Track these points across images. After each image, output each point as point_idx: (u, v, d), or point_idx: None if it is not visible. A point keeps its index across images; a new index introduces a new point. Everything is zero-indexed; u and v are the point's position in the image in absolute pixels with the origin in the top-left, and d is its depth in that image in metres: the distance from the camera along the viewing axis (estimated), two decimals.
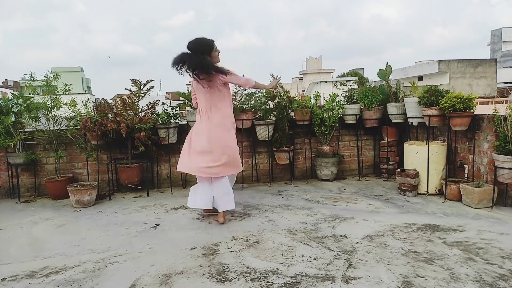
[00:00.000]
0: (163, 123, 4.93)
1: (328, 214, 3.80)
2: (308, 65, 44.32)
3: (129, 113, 4.82)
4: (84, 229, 3.61)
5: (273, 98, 5.25)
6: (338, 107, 5.26)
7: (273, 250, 2.94)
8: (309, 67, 43.69)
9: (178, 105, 5.40)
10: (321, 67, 43.70)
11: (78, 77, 37.90)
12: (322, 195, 4.59)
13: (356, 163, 5.69)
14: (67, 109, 4.80)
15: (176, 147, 5.23)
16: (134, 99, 4.87)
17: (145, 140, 4.65)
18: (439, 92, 4.47)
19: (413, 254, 2.78)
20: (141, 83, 4.84)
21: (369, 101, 5.21)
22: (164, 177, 5.29)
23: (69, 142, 4.90)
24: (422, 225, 3.39)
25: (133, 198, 4.75)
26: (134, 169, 4.76)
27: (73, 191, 4.35)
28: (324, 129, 5.30)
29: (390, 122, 5.26)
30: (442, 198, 4.25)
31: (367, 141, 5.77)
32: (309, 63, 44.43)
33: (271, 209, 4.05)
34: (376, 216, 3.71)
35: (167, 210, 4.13)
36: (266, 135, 5.09)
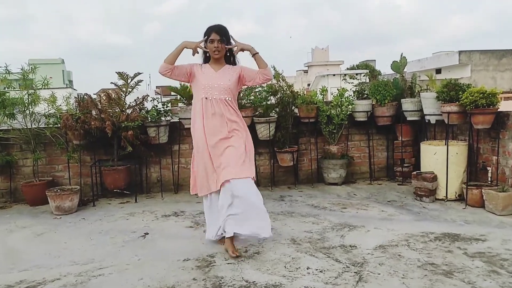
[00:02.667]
0: (153, 121, 4.93)
1: (336, 221, 3.80)
2: (314, 56, 44.33)
3: (115, 110, 4.82)
4: (65, 238, 3.60)
5: (275, 93, 5.25)
6: (347, 103, 5.27)
7: (275, 262, 2.93)
8: (315, 59, 43.70)
9: (169, 101, 5.41)
10: (328, 59, 43.69)
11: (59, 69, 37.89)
12: (330, 201, 4.59)
13: (367, 165, 5.70)
14: (46, 105, 4.80)
15: (168, 147, 5.24)
16: (121, 94, 4.87)
17: (133, 140, 4.65)
18: (460, 86, 4.47)
19: (430, 267, 2.78)
20: (128, 77, 4.84)
21: (381, 96, 5.21)
22: (153, 181, 5.29)
23: (49, 142, 4.90)
24: (441, 234, 3.39)
25: (120, 204, 4.74)
26: (120, 172, 4.76)
27: (53, 196, 4.35)
28: (332, 127, 5.30)
29: (405, 120, 5.26)
30: (463, 204, 4.25)
31: (380, 140, 5.77)
32: (315, 55, 44.43)
33: (272, 216, 4.05)
34: (389, 224, 3.71)
35: (157, 218, 4.13)
36: (267, 134, 5.09)
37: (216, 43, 3.07)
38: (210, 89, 3.09)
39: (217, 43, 3.07)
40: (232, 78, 3.14)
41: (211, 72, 3.14)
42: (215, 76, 3.12)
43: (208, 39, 3.09)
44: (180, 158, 5.30)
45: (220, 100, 3.09)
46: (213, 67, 3.17)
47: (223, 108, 3.09)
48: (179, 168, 5.30)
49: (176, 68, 3.09)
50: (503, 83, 23.64)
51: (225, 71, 3.16)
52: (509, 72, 24.57)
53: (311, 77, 38.20)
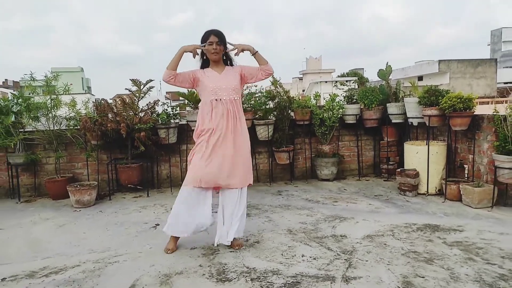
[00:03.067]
0: (163, 123, 4.93)
1: (328, 214, 3.80)
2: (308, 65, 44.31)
3: (129, 113, 4.82)
4: (84, 229, 3.60)
5: (273, 98, 5.25)
6: (338, 107, 5.26)
7: (273, 250, 2.93)
8: (309, 67, 43.68)
9: (178, 105, 5.40)
10: (321, 67, 43.67)
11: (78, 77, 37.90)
12: (322, 195, 4.59)
13: (356, 163, 5.69)
14: (67, 109, 4.80)
15: (176, 147, 5.24)
16: (134, 99, 4.87)
17: (145, 140, 4.65)
18: (439, 92, 4.47)
19: (413, 254, 2.78)
20: (141, 83, 4.84)
21: (369, 101, 5.21)
22: (164, 177, 5.29)
23: (69, 142, 4.90)
24: (422, 225, 3.39)
25: (133, 198, 4.74)
26: (134, 169, 4.76)
27: (73, 191, 4.35)
28: (324, 129, 5.30)
29: (390, 122, 5.25)
30: (442, 198, 4.25)
31: (367, 141, 5.76)
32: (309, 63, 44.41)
33: (271, 209, 4.05)
34: (376, 216, 3.71)
35: (167, 210, 4.13)
36: (266, 135, 5.09)
37: (214, 44, 2.91)
38: (219, 90, 2.92)
39: (216, 44, 2.91)
40: (236, 78, 2.99)
41: (215, 75, 2.97)
42: (220, 78, 2.95)
43: (207, 42, 2.92)
44: (188, 157, 5.28)
45: (229, 101, 2.93)
46: (215, 70, 3.00)
47: (231, 107, 2.92)
48: (187, 166, 5.28)
49: (179, 75, 2.92)
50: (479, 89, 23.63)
51: (228, 72, 3.01)
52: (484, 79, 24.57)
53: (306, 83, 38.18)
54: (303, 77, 43.60)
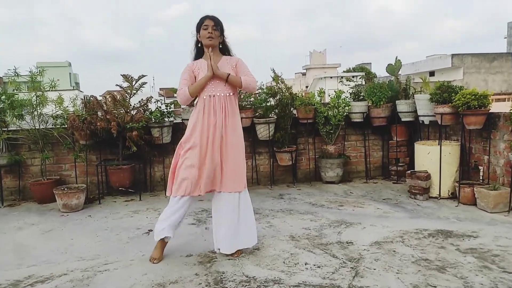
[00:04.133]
0: (157, 122, 4.93)
1: (333, 219, 3.80)
2: (312, 59, 44.37)
3: (120, 111, 4.82)
4: (72, 235, 3.60)
5: (274, 95, 5.26)
6: (344, 104, 5.26)
7: (274, 257, 2.93)
8: (313, 62, 43.74)
9: (172, 103, 5.40)
10: (325, 62, 43.74)
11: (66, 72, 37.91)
12: (327, 199, 4.59)
13: (363, 164, 5.69)
14: (54, 106, 4.80)
15: (171, 147, 5.24)
16: (126, 96, 4.86)
17: (137, 140, 4.65)
18: (452, 88, 4.47)
19: (424, 262, 2.78)
20: (133, 79, 4.84)
21: (377, 98, 5.21)
22: (157, 180, 5.29)
23: (56, 142, 4.90)
24: (434, 230, 3.39)
25: (124, 202, 4.75)
26: (125, 170, 4.76)
27: (60, 194, 4.35)
28: (329, 128, 5.30)
29: (399, 121, 5.26)
30: (455, 202, 4.25)
31: (375, 141, 5.77)
32: (313, 58, 44.47)
33: (272, 213, 4.05)
34: (384, 221, 3.71)
35: None
36: (266, 134, 5.09)
37: (210, 28, 2.83)
38: (212, 86, 2.86)
39: (211, 28, 2.83)
40: (231, 72, 2.90)
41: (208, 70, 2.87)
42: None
43: (201, 26, 2.85)
44: None
45: (223, 97, 2.88)
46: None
47: (224, 104, 2.87)
48: None
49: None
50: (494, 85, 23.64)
51: (224, 64, 2.90)
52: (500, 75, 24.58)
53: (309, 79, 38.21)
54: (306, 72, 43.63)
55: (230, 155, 2.91)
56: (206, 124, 2.89)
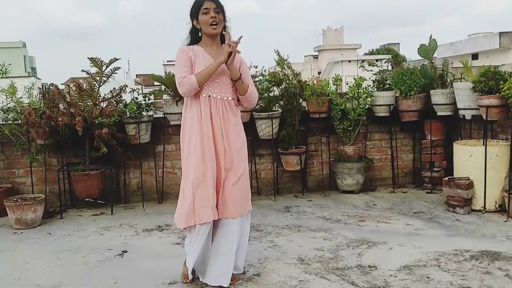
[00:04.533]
0: (133, 117, 4.93)
1: (352, 237, 3.80)
2: (326, 39, 44.32)
3: (87, 103, 4.81)
4: (28, 257, 3.60)
5: (279, 83, 5.26)
6: (366, 94, 5.27)
7: (278, 285, 2.93)
8: (327, 42, 43.69)
9: (152, 93, 5.41)
10: (342, 42, 43.70)
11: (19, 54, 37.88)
12: (344, 212, 4.60)
13: (390, 169, 5.70)
14: (4, 97, 4.79)
15: (150, 148, 5.24)
16: (94, 84, 4.87)
17: (108, 139, 4.65)
18: (500, 75, 4.47)
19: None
20: (103, 63, 4.84)
21: (406, 86, 5.21)
22: (133, 188, 5.29)
23: (7, 141, 4.89)
24: (478, 252, 3.39)
25: (93, 216, 4.75)
26: (93, 177, 4.75)
27: (13, 207, 4.35)
28: (347, 124, 5.30)
29: (434, 115, 5.26)
30: (504, 216, 4.25)
31: (404, 140, 5.77)
32: (327, 37, 44.43)
33: (276, 230, 4.06)
34: (416, 240, 3.71)
35: (137, 232, 4.13)
36: (269, 132, 5.10)
37: (212, 12, 2.77)
38: (210, 85, 2.86)
39: (214, 12, 2.78)
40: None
41: (208, 60, 2.85)
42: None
43: (200, 10, 2.80)
44: (166, 161, 5.30)
45: (222, 101, 2.88)
46: (208, 52, 2.88)
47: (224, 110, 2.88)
48: (164, 173, 5.30)
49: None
50: None
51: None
52: None
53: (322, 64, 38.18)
54: (319, 55, 43.62)
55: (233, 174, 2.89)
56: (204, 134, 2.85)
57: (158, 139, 5.27)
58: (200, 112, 2.85)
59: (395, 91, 5.36)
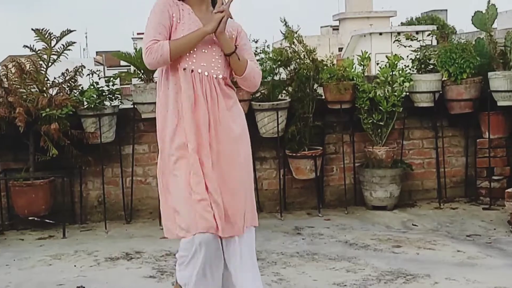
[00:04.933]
0: (92, 108, 4.93)
1: (385, 268, 3.80)
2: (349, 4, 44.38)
3: (31, 90, 4.82)
4: None
5: (287, 63, 5.25)
6: (403, 78, 5.27)
7: None
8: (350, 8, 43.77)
9: (117, 76, 5.40)
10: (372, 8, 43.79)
11: None
12: (374, 235, 4.60)
13: (435, 177, 5.70)
14: None
15: (115, 150, 5.24)
16: (40, 64, 4.86)
17: (59, 138, 4.65)
18: None
19: None
20: (52, 36, 4.84)
21: (456, 68, 5.21)
22: (93, 203, 5.29)
23: None
24: None
25: (39, 240, 4.75)
26: (39, 189, 4.76)
27: None
28: (378, 117, 5.30)
29: (494, 106, 5.26)
30: None
31: (454, 139, 5.78)
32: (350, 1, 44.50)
33: (283, 259, 4.06)
34: (470, 272, 3.71)
35: (98, 262, 4.13)
36: (274, 128, 5.10)
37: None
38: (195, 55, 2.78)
39: None
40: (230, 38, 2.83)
41: (196, 24, 2.77)
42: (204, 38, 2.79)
43: None
44: (135, 167, 5.29)
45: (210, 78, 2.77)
46: (197, 14, 2.80)
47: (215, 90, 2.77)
48: (133, 183, 5.29)
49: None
50: None
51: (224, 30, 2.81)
52: None
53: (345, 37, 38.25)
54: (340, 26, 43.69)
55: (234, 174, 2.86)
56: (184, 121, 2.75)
57: (126, 138, 5.26)
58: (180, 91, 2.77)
59: (442, 73, 5.36)
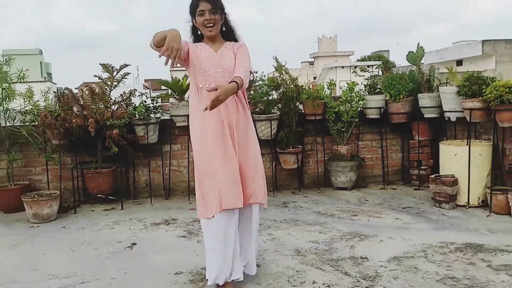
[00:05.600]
0: (141, 119, 4.93)
1: (346, 230, 3.80)
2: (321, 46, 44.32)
3: (99, 106, 4.82)
4: (44, 249, 3.60)
5: (277, 87, 5.26)
6: (358, 98, 5.26)
7: (277, 275, 2.93)
8: (322, 49, 43.69)
9: (159, 96, 5.41)
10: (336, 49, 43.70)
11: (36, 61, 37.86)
12: (338, 208, 4.60)
13: (380, 167, 5.70)
14: (23, 101, 4.80)
15: (157, 148, 5.24)
16: (106, 88, 4.87)
17: (119, 140, 4.65)
18: (483, 79, 4.47)
19: (450, 281, 2.78)
20: (113, 69, 4.84)
21: (396, 91, 5.21)
22: (142, 185, 5.29)
23: (25, 142, 4.89)
24: (462, 244, 3.39)
25: (104, 211, 4.75)
26: (105, 175, 4.76)
27: (30, 202, 4.35)
28: (341, 125, 5.30)
29: (422, 117, 5.25)
30: (487, 211, 4.25)
31: (394, 140, 5.77)
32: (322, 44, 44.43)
33: (274, 224, 4.05)
34: (404, 233, 3.71)
35: (146, 226, 4.13)
36: (268, 133, 5.10)
37: (207, 14, 2.60)
38: (211, 76, 2.65)
39: (209, 14, 2.61)
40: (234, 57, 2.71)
41: (209, 53, 2.69)
42: (215, 58, 2.68)
43: (196, 12, 2.63)
44: (172, 160, 5.30)
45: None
46: (210, 46, 2.72)
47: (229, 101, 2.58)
48: (171, 171, 5.30)
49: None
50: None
51: (228, 50, 2.72)
52: None
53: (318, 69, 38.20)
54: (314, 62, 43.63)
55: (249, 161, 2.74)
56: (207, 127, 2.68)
57: (165, 140, 5.27)
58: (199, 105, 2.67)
59: (385, 95, 5.36)
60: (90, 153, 5.04)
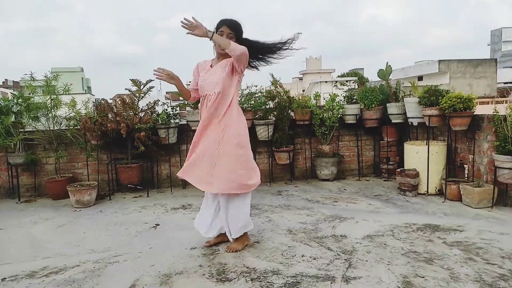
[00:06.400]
0: (163, 123, 4.93)
1: (328, 214, 3.80)
2: (308, 65, 44.25)
3: (129, 113, 4.82)
4: (84, 229, 3.61)
5: (273, 98, 5.26)
6: (338, 107, 5.26)
7: (273, 250, 2.94)
8: (309, 67, 43.62)
9: (178, 105, 5.40)
10: (321, 67, 43.63)
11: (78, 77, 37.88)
12: (322, 195, 4.59)
13: (356, 163, 5.69)
14: (67, 109, 4.80)
15: (176, 147, 5.24)
16: (134, 99, 4.87)
17: (145, 140, 4.65)
18: (439, 92, 4.47)
19: (413, 254, 2.78)
20: (141, 83, 4.84)
21: (369, 101, 5.21)
22: (164, 177, 5.29)
23: (69, 142, 4.89)
24: (422, 225, 3.39)
25: (133, 198, 4.75)
26: (134, 169, 4.76)
27: (73, 191, 4.35)
28: (324, 129, 5.30)
29: (390, 122, 5.25)
30: (442, 198, 4.25)
31: (367, 141, 5.76)
32: (309, 63, 44.36)
33: (271, 209, 4.05)
34: (376, 216, 3.71)
35: (167, 210, 4.13)
36: (266, 135, 5.09)
37: (225, 36, 2.67)
38: (204, 87, 2.80)
39: (226, 36, 2.68)
40: (225, 69, 2.72)
41: (206, 70, 2.83)
42: (209, 73, 2.79)
43: (217, 31, 2.69)
44: None
45: (211, 95, 2.73)
46: (214, 61, 2.85)
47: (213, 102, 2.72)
48: None
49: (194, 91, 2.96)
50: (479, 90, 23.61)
51: (221, 64, 2.77)
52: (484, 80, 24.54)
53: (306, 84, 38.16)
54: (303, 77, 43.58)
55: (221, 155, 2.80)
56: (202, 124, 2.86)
57: (182, 140, 5.26)
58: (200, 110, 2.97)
59: (360, 104, 5.36)
60: (122, 151, 5.04)
